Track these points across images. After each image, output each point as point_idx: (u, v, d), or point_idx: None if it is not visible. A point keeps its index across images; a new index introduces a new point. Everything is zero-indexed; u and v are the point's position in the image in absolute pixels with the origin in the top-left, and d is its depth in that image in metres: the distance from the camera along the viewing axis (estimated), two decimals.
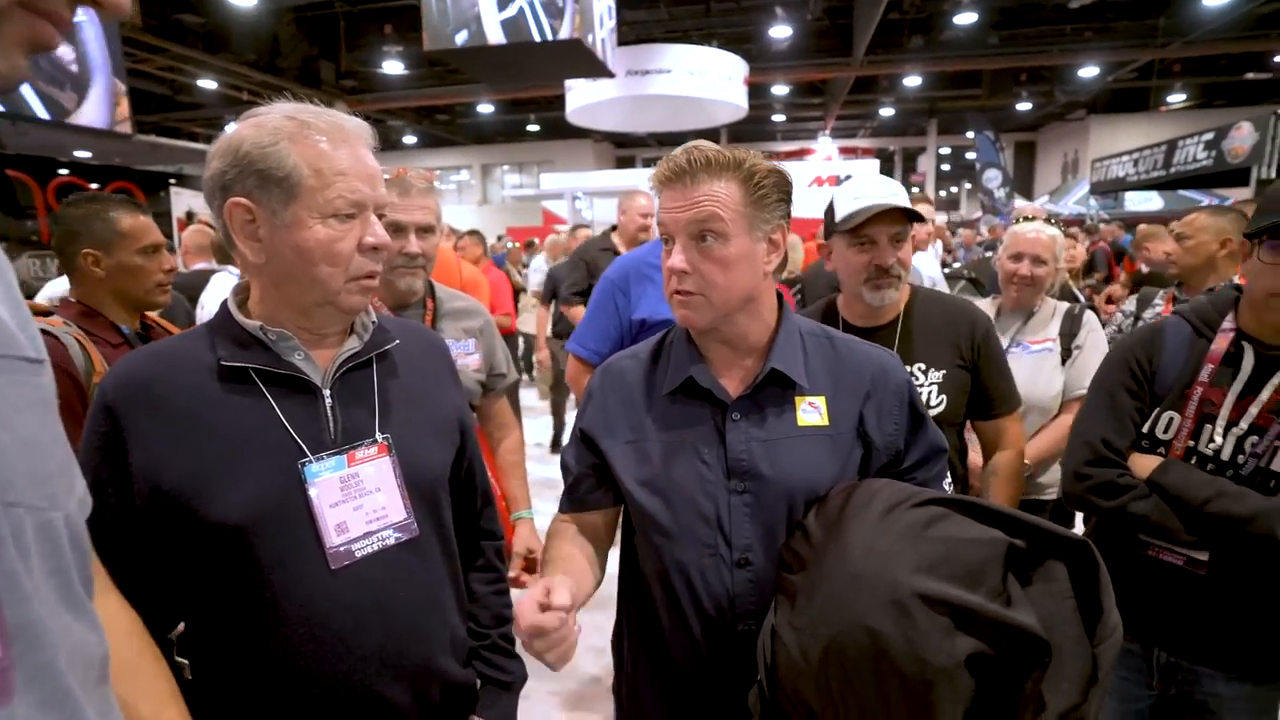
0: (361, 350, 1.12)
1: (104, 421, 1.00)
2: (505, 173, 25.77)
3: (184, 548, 1.00)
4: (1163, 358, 1.53)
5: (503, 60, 7.11)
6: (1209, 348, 1.48)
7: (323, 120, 1.02)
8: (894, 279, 1.71)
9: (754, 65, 13.74)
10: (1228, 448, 1.43)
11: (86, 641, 0.61)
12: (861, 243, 1.70)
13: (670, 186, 1.14)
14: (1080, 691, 0.88)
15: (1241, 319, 1.46)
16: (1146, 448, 1.54)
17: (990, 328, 1.81)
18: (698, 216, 1.11)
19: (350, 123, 1.05)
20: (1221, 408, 1.43)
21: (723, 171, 1.12)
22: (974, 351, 1.77)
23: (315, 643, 1.01)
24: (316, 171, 0.99)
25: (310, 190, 0.99)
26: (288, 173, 0.98)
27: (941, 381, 1.75)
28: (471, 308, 2.02)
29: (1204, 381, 1.46)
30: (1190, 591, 1.46)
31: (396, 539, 1.09)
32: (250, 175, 0.98)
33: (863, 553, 0.97)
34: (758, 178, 1.13)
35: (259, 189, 0.99)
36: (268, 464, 1.01)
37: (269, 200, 0.99)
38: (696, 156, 1.12)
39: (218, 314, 1.09)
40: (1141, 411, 1.54)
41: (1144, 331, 1.60)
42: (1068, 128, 21.99)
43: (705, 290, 1.14)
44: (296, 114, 1.01)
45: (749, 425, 1.19)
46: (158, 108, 15.69)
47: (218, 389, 1.02)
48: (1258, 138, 9.61)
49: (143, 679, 0.88)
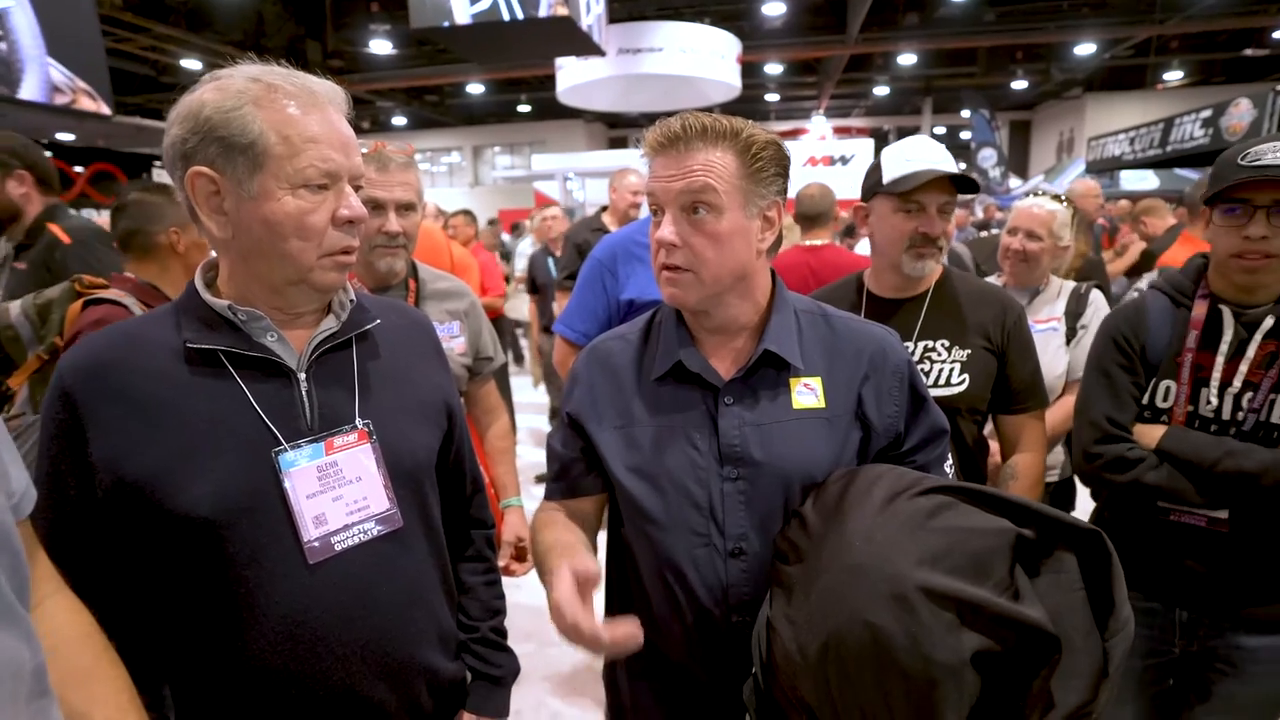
0: (339, 330, 1.05)
1: (61, 409, 0.93)
2: (497, 154, 25.56)
3: (151, 543, 0.94)
4: (1148, 331, 1.58)
5: (491, 38, 6.99)
6: (1189, 315, 1.53)
7: (291, 83, 0.94)
8: (937, 250, 1.66)
9: (747, 43, 13.61)
10: (1226, 407, 1.48)
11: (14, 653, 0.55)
12: (909, 209, 1.64)
13: (662, 154, 1.08)
14: (1091, 689, 0.83)
15: (1213, 284, 1.54)
16: (1149, 418, 1.57)
17: (1023, 316, 1.75)
18: (690, 187, 1.05)
19: (321, 86, 0.97)
20: (1213, 370, 1.48)
21: (719, 140, 1.06)
22: (1004, 337, 1.70)
23: (293, 641, 0.96)
24: (284, 138, 0.91)
25: (278, 159, 0.91)
26: (253, 140, 0.90)
27: (965, 361, 1.68)
28: (456, 289, 1.96)
29: (1191, 348, 1.52)
30: (1214, 551, 1.50)
31: (379, 531, 1.04)
32: (212, 143, 0.91)
33: (863, 544, 0.92)
34: (755, 149, 1.07)
35: (222, 157, 0.91)
36: (238, 453, 0.95)
37: (233, 170, 0.91)
38: (691, 123, 1.06)
39: (184, 292, 1.02)
40: (1138, 385, 1.58)
41: (1126, 309, 1.65)
42: (1064, 106, 21.90)
43: (695, 266, 1.08)
44: (262, 76, 0.94)
45: (742, 409, 1.14)
46: (141, 89, 15.45)
47: (184, 373, 0.96)
48: (1256, 114, 9.53)
49: (98, 686, 0.83)
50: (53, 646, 0.76)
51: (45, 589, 0.83)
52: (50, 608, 0.83)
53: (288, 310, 1.02)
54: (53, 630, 0.80)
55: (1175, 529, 1.53)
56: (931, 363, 1.69)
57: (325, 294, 1.03)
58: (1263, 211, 1.39)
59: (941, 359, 1.69)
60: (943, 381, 1.67)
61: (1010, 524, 0.91)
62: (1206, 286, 1.54)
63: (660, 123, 1.09)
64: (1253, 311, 1.46)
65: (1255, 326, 1.45)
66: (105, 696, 0.83)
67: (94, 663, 0.84)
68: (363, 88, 15.90)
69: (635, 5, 13.68)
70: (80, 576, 0.90)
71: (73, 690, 0.79)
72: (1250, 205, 1.40)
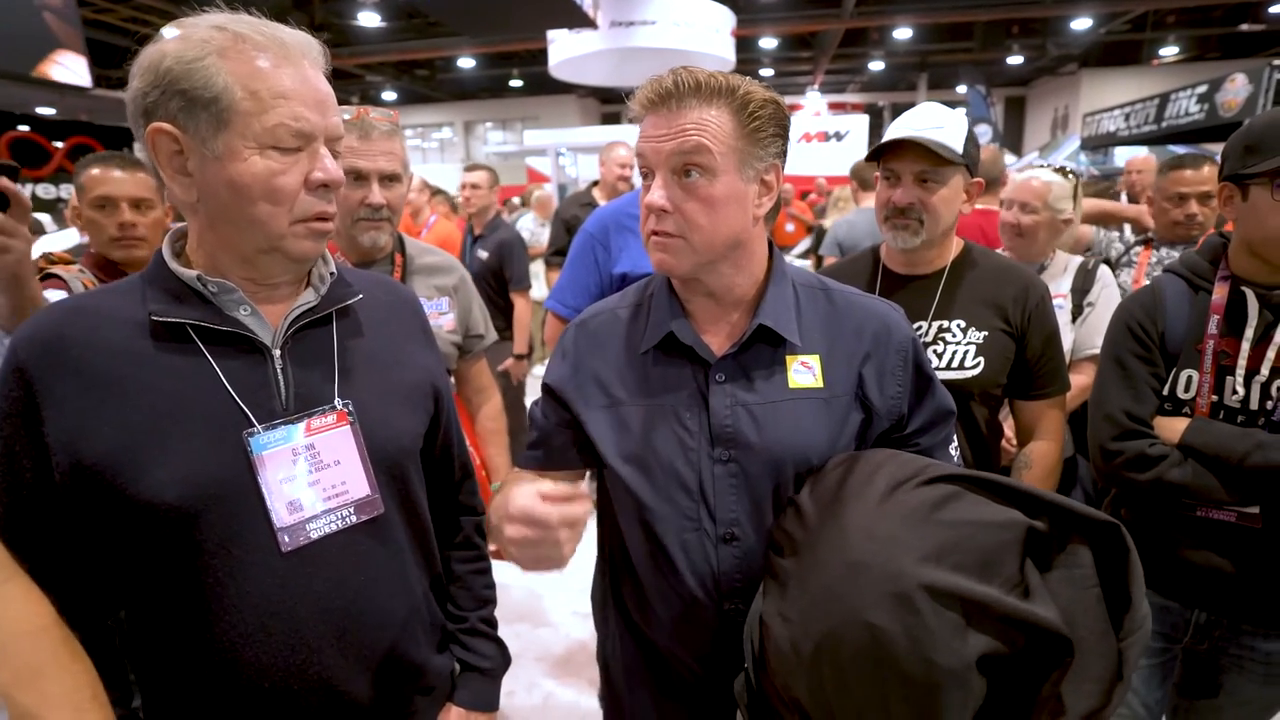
0: (318, 305, 0.99)
1: (15, 385, 0.86)
2: (489, 130, 25.24)
3: (113, 529, 0.89)
4: (1166, 317, 1.48)
5: (481, 7, 6.84)
6: (1209, 300, 1.44)
7: (261, 33, 0.87)
8: (913, 222, 1.57)
9: (741, 17, 13.40)
10: (1254, 396, 1.38)
11: None
12: (887, 177, 1.60)
13: (654, 111, 1.01)
14: (1104, 693, 0.79)
15: (1235, 265, 1.43)
16: (1170, 410, 1.48)
17: (1046, 296, 1.66)
18: (682, 147, 0.98)
19: (294, 37, 0.90)
20: (1238, 357, 1.39)
21: (714, 97, 0.99)
22: (1024, 318, 1.61)
23: (265, 633, 0.91)
24: (252, 93, 0.84)
25: (245, 115, 0.84)
26: (216, 94, 0.83)
27: (981, 343, 1.60)
28: (445, 263, 1.90)
29: (1213, 334, 1.42)
30: (1245, 548, 1.41)
31: (358, 518, 0.98)
32: (174, 96, 0.84)
33: (863, 538, 0.86)
34: (753, 107, 1.00)
35: (184, 113, 0.84)
36: (206, 434, 0.89)
37: (196, 127, 0.85)
38: (685, 79, 0.98)
39: (151, 262, 0.95)
40: (1158, 376, 1.48)
41: (1141, 295, 1.55)
42: (1059, 82, 21.75)
43: (686, 232, 1.01)
44: (229, 24, 0.86)
45: (735, 387, 1.08)
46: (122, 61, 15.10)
47: (149, 348, 0.89)
48: (1251, 90, 9.44)
49: (53, 683, 0.77)
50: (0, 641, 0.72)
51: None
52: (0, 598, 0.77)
53: (261, 281, 0.95)
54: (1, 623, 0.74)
55: (1201, 525, 1.44)
56: (946, 344, 1.62)
57: (300, 264, 0.96)
58: None
59: (956, 340, 1.62)
60: (956, 364, 1.61)
61: (1021, 515, 0.86)
62: (1227, 267, 1.44)
63: (651, 78, 1.02)
64: (1279, 293, 1.37)
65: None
66: (60, 696, 0.77)
67: (49, 659, 0.78)
68: (351, 61, 15.62)
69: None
70: (37, 563, 0.84)
71: (23, 690, 0.73)
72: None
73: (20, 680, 0.74)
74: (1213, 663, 1.50)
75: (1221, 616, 1.47)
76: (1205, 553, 1.45)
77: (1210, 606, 1.48)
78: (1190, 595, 1.50)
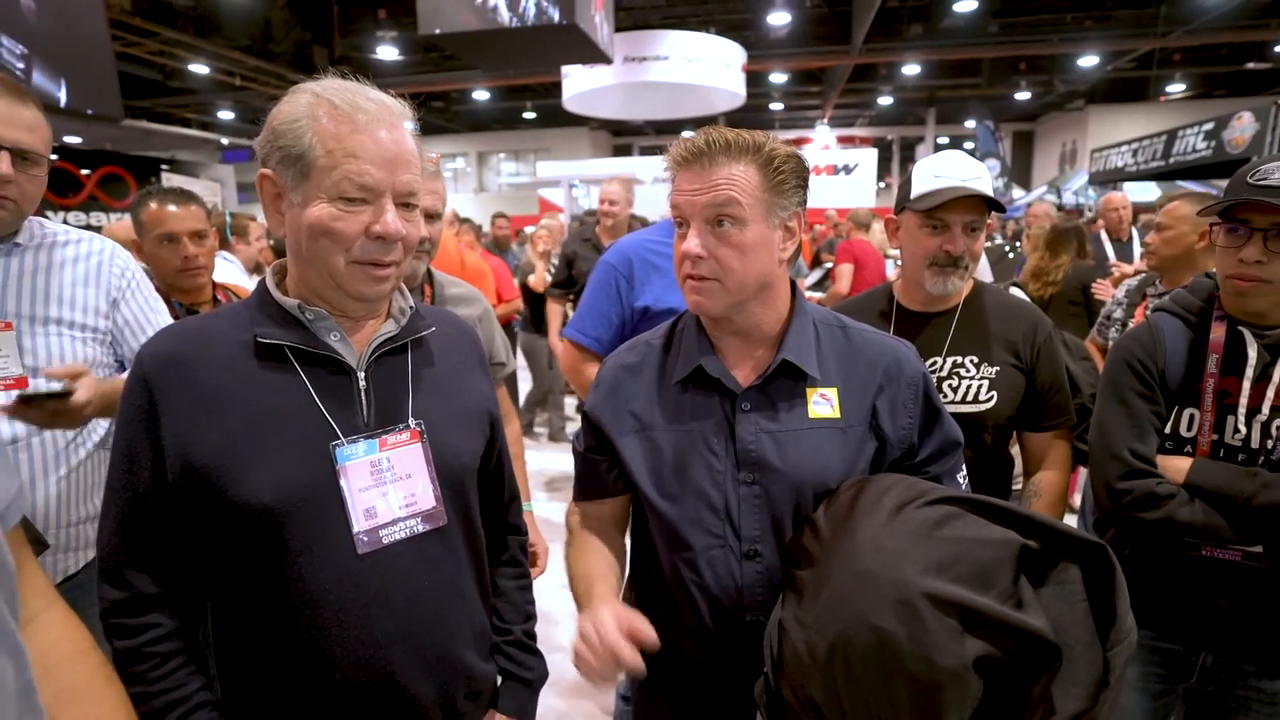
0: (397, 334, 1.10)
1: (140, 394, 0.98)
2: (501, 160, 25.62)
3: (212, 526, 0.99)
4: (1165, 355, 1.49)
5: (498, 44, 7.04)
6: (1207, 338, 1.45)
7: (345, 100, 0.97)
8: (961, 270, 1.64)
9: (752, 52, 13.68)
10: (1255, 435, 1.38)
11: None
12: (934, 226, 1.63)
13: (687, 168, 1.12)
14: (1090, 696, 0.86)
15: (1226, 304, 1.45)
16: (1171, 449, 1.48)
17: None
18: (715, 200, 1.09)
19: (370, 104, 0.98)
20: (1239, 396, 1.39)
21: (742, 155, 1.09)
22: (1034, 354, 1.68)
23: (340, 628, 1.00)
24: (328, 152, 0.95)
25: (321, 170, 0.95)
26: (303, 152, 0.95)
27: (994, 377, 1.67)
28: (470, 295, 1.99)
29: (1213, 373, 1.42)
30: (1250, 588, 1.40)
31: (424, 527, 1.07)
32: (275, 150, 0.97)
33: (871, 550, 0.95)
34: (777, 162, 1.10)
35: (281, 164, 0.97)
36: (299, 444, 1.00)
37: (288, 177, 0.97)
38: (715, 138, 1.09)
39: (255, 291, 1.08)
40: (1159, 414, 1.48)
41: (1139, 333, 1.55)
42: (1066, 118, 21.94)
43: (720, 276, 1.11)
44: (324, 92, 0.98)
45: (759, 416, 1.17)
46: (149, 93, 15.54)
47: (253, 366, 1.01)
48: (1258, 128, 9.53)
49: (91, 706, 0.82)
50: (44, 665, 0.76)
51: (36, 605, 0.83)
52: (43, 624, 0.83)
53: (337, 313, 1.06)
54: (45, 647, 0.80)
55: (1206, 565, 1.42)
56: (960, 378, 1.68)
57: (361, 303, 1.06)
58: (1259, 235, 1.33)
59: (970, 375, 1.68)
60: (970, 398, 1.67)
61: (1016, 535, 0.94)
62: (1220, 307, 1.45)
63: (684, 138, 1.12)
64: (1274, 333, 1.37)
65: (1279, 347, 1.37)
66: (99, 716, 0.83)
67: (88, 681, 0.84)
68: None
69: (641, 14, 13.77)
70: (147, 552, 0.97)
71: (65, 710, 0.78)
72: (1249, 227, 1.34)
73: (61, 701, 0.78)
74: (1218, 704, 1.49)
75: (1228, 658, 1.46)
76: (1209, 592, 1.43)
77: (1216, 647, 1.47)
78: (1195, 636, 1.48)
